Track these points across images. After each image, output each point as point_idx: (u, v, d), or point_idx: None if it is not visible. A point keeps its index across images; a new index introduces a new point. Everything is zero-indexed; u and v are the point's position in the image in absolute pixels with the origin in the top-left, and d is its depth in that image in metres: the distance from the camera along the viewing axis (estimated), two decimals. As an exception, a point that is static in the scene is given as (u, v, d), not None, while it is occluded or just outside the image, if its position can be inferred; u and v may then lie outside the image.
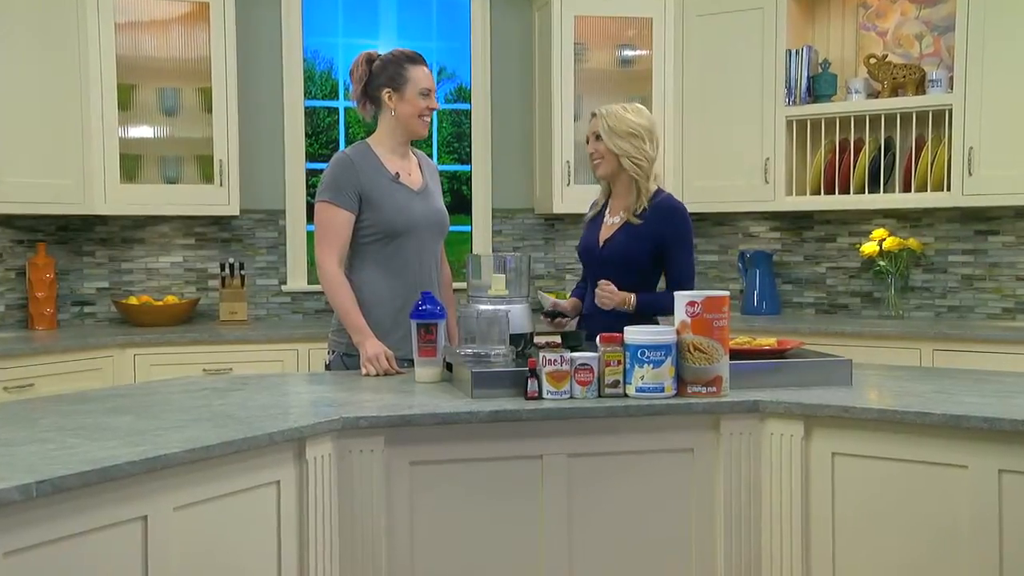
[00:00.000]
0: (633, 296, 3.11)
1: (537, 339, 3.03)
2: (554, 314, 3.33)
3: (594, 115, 3.27)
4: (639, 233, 3.16)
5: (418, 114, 3.16)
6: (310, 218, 4.90)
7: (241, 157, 4.73)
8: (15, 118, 4.15)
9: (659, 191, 3.21)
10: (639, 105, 3.30)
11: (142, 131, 4.74)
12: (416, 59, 3.17)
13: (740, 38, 4.90)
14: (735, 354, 2.78)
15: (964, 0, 4.36)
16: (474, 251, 5.29)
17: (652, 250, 3.16)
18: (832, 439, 2.58)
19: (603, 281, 3.13)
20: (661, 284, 3.26)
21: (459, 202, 5.44)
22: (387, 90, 3.14)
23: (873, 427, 2.51)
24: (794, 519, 2.61)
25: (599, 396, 2.62)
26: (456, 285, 4.23)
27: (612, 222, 3.26)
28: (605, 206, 3.33)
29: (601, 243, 3.24)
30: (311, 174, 5.10)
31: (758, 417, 2.63)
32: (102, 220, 4.80)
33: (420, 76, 3.15)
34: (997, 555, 2.38)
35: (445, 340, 2.93)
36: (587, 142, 3.29)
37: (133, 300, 4.69)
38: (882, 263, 4.79)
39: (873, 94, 4.80)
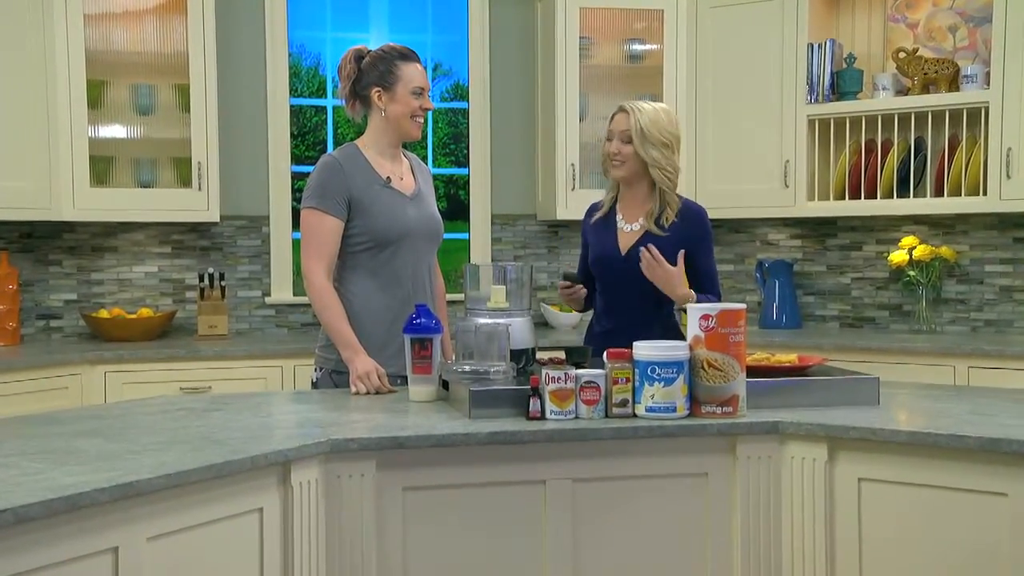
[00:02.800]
0: (693, 293, 3.18)
1: (540, 355, 3.04)
2: (570, 276, 3.34)
3: (623, 111, 3.26)
4: (664, 242, 3.22)
5: (410, 114, 3.17)
6: (295, 225, 4.91)
7: (221, 159, 4.74)
8: (-23, 117, 4.17)
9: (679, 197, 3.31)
10: (668, 107, 3.33)
11: (114, 131, 4.75)
12: (409, 56, 3.18)
13: (758, 31, 4.92)
14: (753, 371, 2.78)
15: (1001, -11, 4.38)
16: (472, 260, 5.30)
17: (680, 259, 3.23)
18: (858, 464, 2.57)
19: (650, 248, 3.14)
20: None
21: (456, 208, 5.45)
22: (377, 89, 3.15)
23: (903, 451, 2.51)
24: (817, 550, 2.61)
25: (606, 416, 2.62)
26: (453, 296, 4.23)
27: (631, 229, 3.28)
28: (613, 211, 3.34)
29: (624, 253, 3.26)
30: (297, 177, 5.11)
31: (778, 439, 2.63)
32: (70, 227, 4.80)
33: (412, 74, 3.16)
34: (1037, 589, 2.38)
35: (440, 356, 2.94)
36: (608, 139, 3.27)
37: (104, 313, 4.69)
38: (912, 273, 4.80)
39: (902, 91, 4.81)
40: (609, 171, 3.30)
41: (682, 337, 3.02)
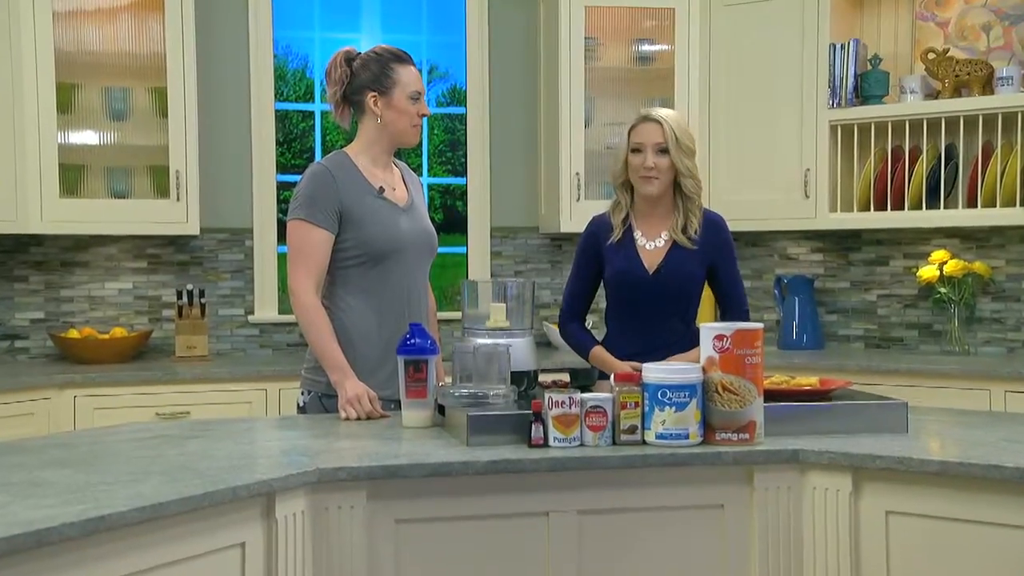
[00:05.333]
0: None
1: (542, 378, 3.03)
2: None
3: (651, 120, 3.29)
4: (697, 252, 3.32)
5: (409, 121, 3.18)
6: (281, 238, 4.93)
7: (201, 168, 4.75)
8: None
9: None
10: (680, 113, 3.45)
11: (85, 137, 4.76)
12: (404, 58, 3.20)
13: (776, 30, 4.93)
14: (771, 395, 2.78)
15: (1038, -15, 4.40)
16: (470, 276, 5.30)
17: (706, 272, 3.37)
18: (885, 496, 2.57)
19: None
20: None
21: (453, 220, 5.46)
22: (372, 93, 3.16)
23: (934, 482, 2.50)
24: (842, 588, 2.61)
25: (614, 444, 2.62)
26: (450, 315, 4.23)
27: (655, 245, 3.32)
28: (629, 228, 3.35)
29: (652, 269, 3.30)
30: (283, 187, 5.13)
31: (798, 469, 2.63)
32: (37, 240, 4.81)
33: (409, 78, 3.17)
34: (1079, 631, 2.37)
35: (435, 379, 2.94)
36: (636, 151, 3.28)
37: (73, 333, 4.69)
38: (943, 290, 4.80)
39: (932, 94, 4.82)
40: (641, 187, 3.31)
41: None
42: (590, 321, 3.68)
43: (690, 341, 3.27)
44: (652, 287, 3.31)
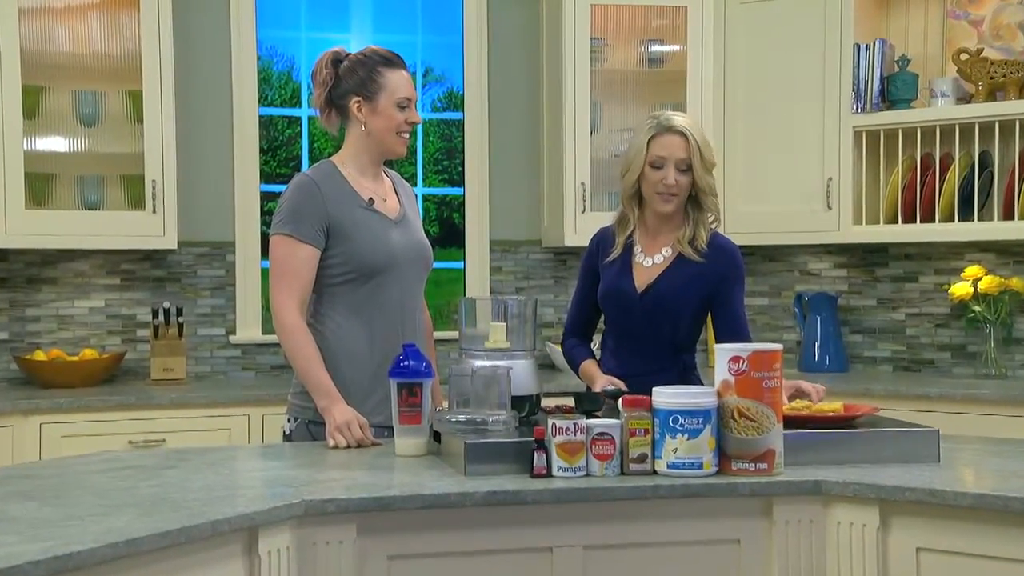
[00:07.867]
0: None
1: (545, 402, 3.03)
2: (616, 393, 3.10)
3: (675, 132, 3.22)
4: (695, 274, 3.26)
5: (395, 130, 3.19)
6: (264, 252, 4.93)
7: (179, 177, 4.75)
8: None
9: None
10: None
11: (54, 144, 4.77)
12: (393, 61, 3.21)
13: (796, 30, 4.94)
14: (791, 422, 2.78)
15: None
16: (468, 293, 5.31)
17: (706, 296, 3.29)
18: (916, 531, 2.57)
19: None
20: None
21: (450, 233, 5.47)
22: (356, 99, 3.17)
23: (968, 516, 2.50)
24: (869, 630, 2.61)
25: (622, 474, 2.62)
26: (446, 335, 4.23)
27: (652, 262, 3.30)
28: (628, 245, 3.34)
29: (641, 288, 3.28)
30: (267, 198, 5.13)
31: (821, 501, 2.63)
32: (2, 255, 4.81)
33: (397, 83, 3.18)
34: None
35: (430, 404, 2.94)
36: (656, 166, 3.22)
37: (40, 355, 4.69)
38: (977, 308, 4.80)
39: (964, 98, 4.83)
40: (657, 205, 3.26)
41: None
42: (596, 341, 3.69)
43: (679, 370, 3.30)
44: (638, 307, 3.28)
